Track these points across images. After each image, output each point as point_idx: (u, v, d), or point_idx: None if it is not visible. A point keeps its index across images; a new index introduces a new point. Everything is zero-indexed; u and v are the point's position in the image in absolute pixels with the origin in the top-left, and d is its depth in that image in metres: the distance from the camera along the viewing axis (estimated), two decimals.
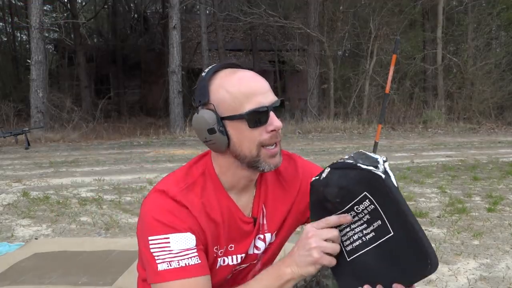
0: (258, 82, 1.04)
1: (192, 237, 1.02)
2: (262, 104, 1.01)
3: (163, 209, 1.03)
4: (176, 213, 1.03)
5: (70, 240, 3.17)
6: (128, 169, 6.44)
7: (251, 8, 15.10)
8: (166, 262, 0.99)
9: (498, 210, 3.91)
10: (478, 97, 14.72)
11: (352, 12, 15.21)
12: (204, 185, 1.09)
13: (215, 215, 1.08)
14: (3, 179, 5.66)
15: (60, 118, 12.77)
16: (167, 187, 1.06)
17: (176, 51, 12.75)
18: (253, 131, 1.01)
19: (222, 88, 1.03)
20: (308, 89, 14.80)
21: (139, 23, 22.42)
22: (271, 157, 1.04)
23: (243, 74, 1.05)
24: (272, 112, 1.02)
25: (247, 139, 1.02)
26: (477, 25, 15.63)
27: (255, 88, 1.02)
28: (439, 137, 11.55)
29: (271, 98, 1.03)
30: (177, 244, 1.00)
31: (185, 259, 0.99)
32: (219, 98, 1.03)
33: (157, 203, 1.05)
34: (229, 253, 1.12)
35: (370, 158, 0.92)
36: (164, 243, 1.00)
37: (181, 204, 1.04)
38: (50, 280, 2.36)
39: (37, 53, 11.76)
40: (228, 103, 1.02)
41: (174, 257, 0.99)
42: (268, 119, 1.01)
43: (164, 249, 1.00)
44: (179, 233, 1.01)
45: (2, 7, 22.30)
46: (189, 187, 1.07)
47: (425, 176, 5.56)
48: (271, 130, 1.01)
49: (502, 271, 2.51)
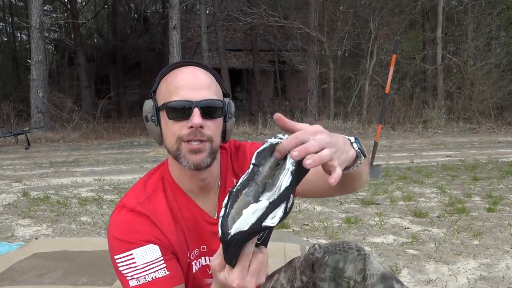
0: (194, 77, 1.02)
1: (155, 248, 1.01)
2: (186, 98, 0.99)
3: (122, 225, 1.03)
4: (135, 227, 1.02)
5: (70, 240, 3.17)
6: (128, 169, 6.43)
7: (251, 8, 15.10)
8: (135, 279, 0.99)
9: (498, 210, 3.91)
10: (478, 97, 14.73)
11: (352, 12, 15.21)
12: (164, 190, 1.09)
13: (178, 220, 1.07)
14: (3, 179, 5.66)
15: (60, 118, 12.78)
16: (126, 201, 1.07)
17: (176, 51, 12.75)
18: (174, 124, 1.00)
19: (164, 80, 1.05)
20: (308, 89, 14.80)
21: (139, 23, 22.41)
22: (191, 153, 1.01)
23: (186, 69, 1.04)
24: (197, 109, 0.98)
25: (169, 131, 1.02)
26: (477, 25, 15.64)
27: (187, 82, 1.01)
28: (439, 137, 11.55)
29: (202, 95, 1.00)
30: (141, 259, 1.00)
31: (151, 273, 0.99)
32: (159, 89, 1.05)
33: (116, 220, 1.05)
34: (203, 254, 1.12)
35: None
36: (129, 260, 1.00)
37: (140, 214, 1.04)
38: (50, 280, 2.36)
39: (37, 53, 11.76)
40: (162, 93, 1.04)
41: (141, 272, 0.99)
42: (191, 115, 0.98)
43: (131, 266, 1.00)
44: (141, 247, 1.01)
45: (2, 7, 22.32)
46: (150, 197, 1.07)
47: (425, 176, 5.56)
48: (189, 126, 0.99)
49: (502, 271, 2.51)
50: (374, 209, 3.99)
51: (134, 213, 1.04)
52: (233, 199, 0.73)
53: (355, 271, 1.10)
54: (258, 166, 0.75)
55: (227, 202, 0.73)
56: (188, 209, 1.10)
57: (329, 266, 1.13)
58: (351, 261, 1.11)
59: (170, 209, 1.07)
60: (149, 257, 1.00)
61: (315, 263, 1.16)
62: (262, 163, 0.75)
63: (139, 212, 1.04)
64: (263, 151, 0.76)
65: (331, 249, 1.15)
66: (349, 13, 15.15)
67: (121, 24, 22.27)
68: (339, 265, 1.11)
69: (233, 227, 0.70)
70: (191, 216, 1.10)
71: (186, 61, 1.08)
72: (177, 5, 12.67)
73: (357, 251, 1.13)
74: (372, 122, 13.30)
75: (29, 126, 11.10)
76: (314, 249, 1.19)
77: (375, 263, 1.12)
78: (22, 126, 11.68)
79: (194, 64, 1.07)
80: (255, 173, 0.74)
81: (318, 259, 1.15)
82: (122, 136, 12.06)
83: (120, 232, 1.02)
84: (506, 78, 15.27)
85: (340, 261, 1.12)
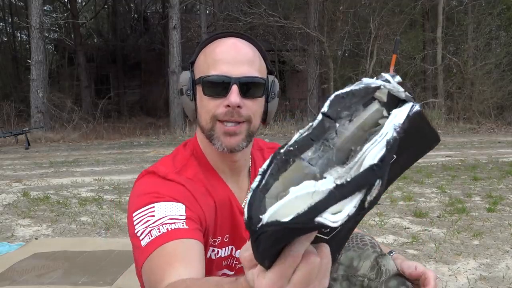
0: (235, 50, 0.92)
1: (180, 206, 0.87)
2: (224, 73, 0.89)
3: (150, 184, 0.91)
4: (168, 186, 0.90)
5: (70, 240, 3.17)
6: (128, 169, 6.43)
7: (251, 8, 15.10)
8: (147, 235, 0.82)
9: (498, 210, 3.91)
10: (478, 97, 14.72)
11: (352, 12, 15.21)
12: (196, 166, 0.99)
13: (212, 199, 0.95)
14: (3, 179, 5.66)
15: (60, 118, 12.78)
16: (155, 169, 0.96)
17: (176, 51, 12.75)
18: (210, 101, 0.91)
19: (203, 52, 0.96)
20: (308, 89, 14.80)
21: (139, 23, 22.39)
22: (226, 135, 0.91)
23: (227, 40, 0.94)
24: (235, 86, 0.89)
25: (204, 108, 0.93)
26: (477, 25, 15.63)
27: (227, 55, 0.91)
28: None
29: (243, 71, 0.90)
30: (162, 212, 0.85)
31: (168, 225, 0.82)
32: (198, 60, 0.97)
33: (145, 181, 0.94)
34: (224, 245, 1.00)
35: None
36: (148, 213, 0.85)
37: (174, 181, 0.92)
38: (50, 280, 2.36)
39: (37, 53, 11.76)
40: (200, 65, 0.95)
41: (157, 224, 0.82)
42: (228, 93, 0.89)
43: (148, 220, 0.84)
44: (165, 202, 0.86)
45: (2, 7, 22.30)
46: (180, 171, 0.96)
47: (425, 176, 5.56)
48: (226, 105, 0.89)
49: (502, 271, 2.51)
50: (374, 209, 3.99)
51: (167, 180, 0.92)
52: (279, 165, 0.42)
53: (369, 268, 1.03)
54: (334, 120, 0.43)
55: (267, 167, 0.42)
56: (222, 189, 0.99)
57: (342, 265, 1.05)
58: (365, 258, 1.04)
59: (205, 186, 0.96)
60: (170, 211, 0.85)
61: None
62: (341, 116, 0.44)
63: (172, 179, 0.92)
64: (348, 95, 0.45)
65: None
66: (349, 13, 15.15)
67: (121, 24, 22.25)
68: (354, 263, 1.04)
69: (267, 212, 0.39)
70: (225, 199, 0.98)
71: (229, 31, 0.97)
72: (177, 5, 12.67)
73: (372, 247, 1.05)
74: None
75: (29, 126, 11.09)
76: None
77: (390, 260, 1.05)
78: (22, 126, 11.67)
79: (238, 36, 0.96)
80: (325, 129, 0.43)
81: None
82: (122, 136, 12.06)
83: (147, 188, 0.90)
84: (506, 78, 15.27)
85: (354, 259, 1.04)
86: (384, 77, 0.45)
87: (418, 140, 0.48)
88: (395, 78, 0.44)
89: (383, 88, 0.44)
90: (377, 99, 0.44)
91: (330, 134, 0.43)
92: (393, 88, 0.44)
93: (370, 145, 0.40)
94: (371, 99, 0.44)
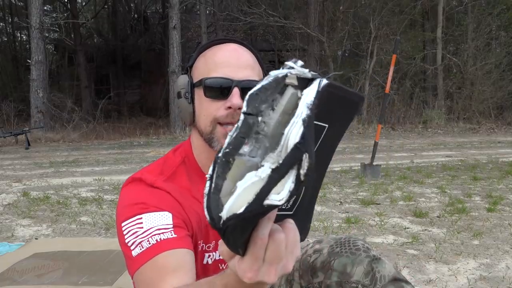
0: (236, 55, 0.94)
1: (167, 215, 0.88)
2: (226, 76, 0.91)
3: (136, 194, 0.92)
4: (152, 196, 0.90)
5: (70, 240, 3.17)
6: (128, 169, 6.43)
7: (251, 8, 15.10)
8: (138, 246, 0.84)
9: (498, 210, 3.91)
10: (478, 97, 14.73)
11: (352, 12, 15.22)
12: (186, 174, 0.98)
13: (201, 206, 0.96)
14: (3, 179, 5.66)
15: (60, 118, 12.78)
16: (142, 176, 0.95)
17: (176, 51, 12.75)
18: (211, 104, 0.92)
19: (202, 55, 0.98)
20: None
21: (139, 23, 22.39)
22: (226, 138, 0.91)
23: (228, 46, 0.96)
24: (237, 89, 0.90)
25: (204, 111, 0.94)
26: (477, 25, 15.64)
27: (229, 59, 0.92)
28: (439, 137, 11.55)
29: (244, 74, 0.92)
30: (150, 223, 0.86)
31: (157, 235, 0.84)
32: (197, 64, 0.98)
33: (131, 188, 0.94)
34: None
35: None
36: (136, 224, 0.86)
37: (160, 189, 0.92)
38: (50, 280, 2.36)
39: (37, 53, 11.77)
40: (199, 69, 0.96)
41: (146, 236, 0.84)
42: (229, 95, 0.90)
43: (137, 231, 0.85)
44: (152, 212, 0.87)
45: (2, 7, 22.30)
46: (168, 178, 0.96)
47: (425, 176, 5.56)
48: (227, 107, 0.90)
49: (502, 271, 2.51)
50: (374, 209, 3.99)
51: (153, 188, 0.92)
52: (222, 166, 0.46)
53: (363, 274, 1.03)
54: (256, 115, 0.47)
55: (212, 172, 0.47)
56: None
57: (336, 271, 1.05)
58: (359, 264, 1.04)
59: (193, 196, 0.96)
60: (158, 222, 0.86)
61: (318, 268, 1.09)
62: (262, 109, 0.48)
63: (159, 187, 0.92)
64: (261, 91, 0.48)
65: (337, 249, 1.08)
66: (349, 13, 15.15)
67: (121, 24, 22.25)
68: (347, 269, 1.04)
69: (224, 209, 0.45)
70: None
71: (228, 37, 0.99)
72: (177, 5, 12.67)
73: (364, 252, 1.05)
74: (372, 122, 13.30)
75: (29, 126, 11.10)
76: (313, 251, 1.12)
77: (387, 264, 1.05)
78: (22, 126, 11.67)
79: (237, 42, 0.98)
80: (251, 125, 0.47)
81: (324, 263, 1.08)
82: (122, 136, 12.06)
83: (134, 198, 0.90)
84: (506, 78, 15.28)
85: (348, 265, 1.04)
86: (287, 65, 0.49)
87: (342, 105, 0.54)
88: (297, 63, 0.49)
89: (290, 74, 0.48)
90: (289, 85, 0.48)
91: (259, 126, 0.47)
92: (298, 72, 0.48)
93: (290, 127, 0.45)
94: (284, 86, 0.48)
